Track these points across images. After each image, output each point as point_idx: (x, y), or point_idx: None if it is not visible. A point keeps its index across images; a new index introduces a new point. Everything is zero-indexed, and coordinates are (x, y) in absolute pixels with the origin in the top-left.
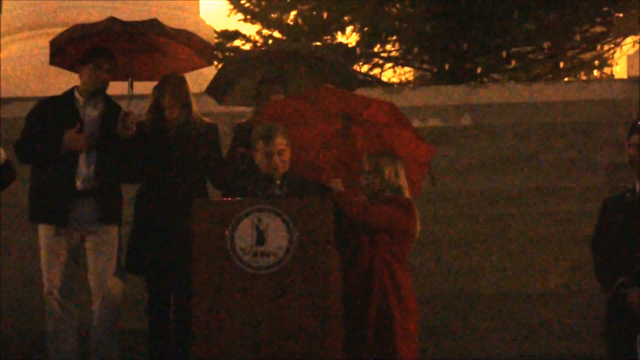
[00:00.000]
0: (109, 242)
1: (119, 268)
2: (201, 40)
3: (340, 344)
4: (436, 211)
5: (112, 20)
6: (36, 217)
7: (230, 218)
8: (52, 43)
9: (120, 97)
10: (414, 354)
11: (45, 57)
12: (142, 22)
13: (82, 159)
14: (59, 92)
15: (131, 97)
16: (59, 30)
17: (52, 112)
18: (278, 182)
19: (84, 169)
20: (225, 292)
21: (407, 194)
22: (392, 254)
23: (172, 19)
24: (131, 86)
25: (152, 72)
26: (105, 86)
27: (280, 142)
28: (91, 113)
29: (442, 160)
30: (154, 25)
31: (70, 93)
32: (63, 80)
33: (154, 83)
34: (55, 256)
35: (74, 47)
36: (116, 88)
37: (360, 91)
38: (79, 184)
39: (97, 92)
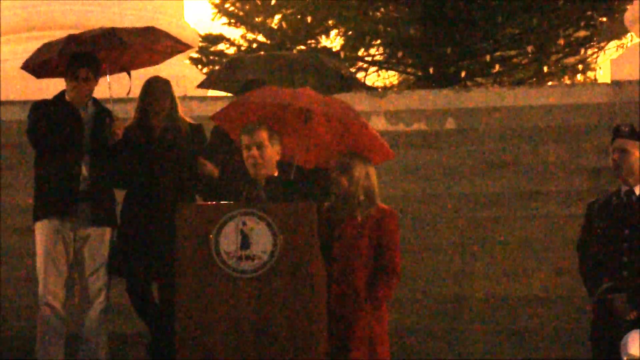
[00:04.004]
0: (104, 245)
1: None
2: (166, 33)
3: (325, 347)
4: (420, 215)
5: (69, 39)
6: (39, 214)
7: (215, 222)
8: (24, 68)
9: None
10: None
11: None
12: (103, 36)
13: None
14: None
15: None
16: (56, 32)
17: (52, 109)
18: (263, 184)
19: (83, 170)
20: (209, 296)
21: (378, 197)
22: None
23: (155, 23)
24: (129, 76)
25: (142, 62)
26: (89, 95)
27: (262, 135)
28: (84, 117)
29: (427, 164)
30: (111, 39)
31: (61, 96)
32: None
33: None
34: (52, 260)
35: (51, 62)
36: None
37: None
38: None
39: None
